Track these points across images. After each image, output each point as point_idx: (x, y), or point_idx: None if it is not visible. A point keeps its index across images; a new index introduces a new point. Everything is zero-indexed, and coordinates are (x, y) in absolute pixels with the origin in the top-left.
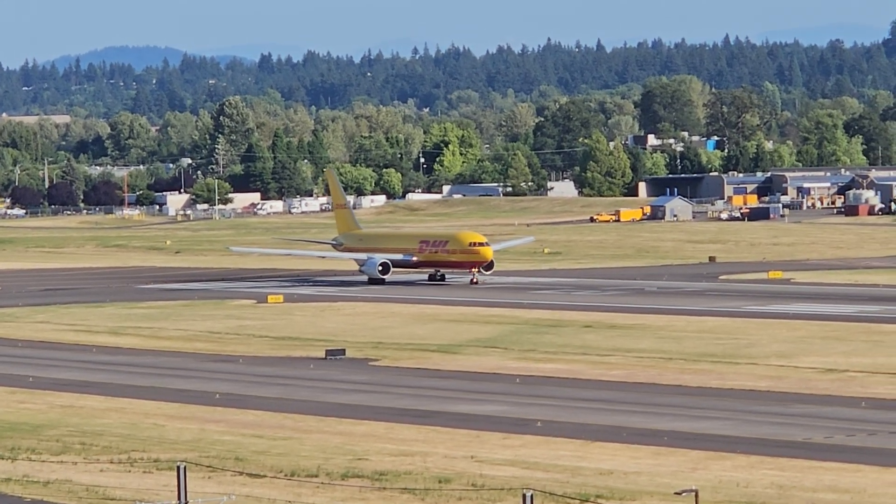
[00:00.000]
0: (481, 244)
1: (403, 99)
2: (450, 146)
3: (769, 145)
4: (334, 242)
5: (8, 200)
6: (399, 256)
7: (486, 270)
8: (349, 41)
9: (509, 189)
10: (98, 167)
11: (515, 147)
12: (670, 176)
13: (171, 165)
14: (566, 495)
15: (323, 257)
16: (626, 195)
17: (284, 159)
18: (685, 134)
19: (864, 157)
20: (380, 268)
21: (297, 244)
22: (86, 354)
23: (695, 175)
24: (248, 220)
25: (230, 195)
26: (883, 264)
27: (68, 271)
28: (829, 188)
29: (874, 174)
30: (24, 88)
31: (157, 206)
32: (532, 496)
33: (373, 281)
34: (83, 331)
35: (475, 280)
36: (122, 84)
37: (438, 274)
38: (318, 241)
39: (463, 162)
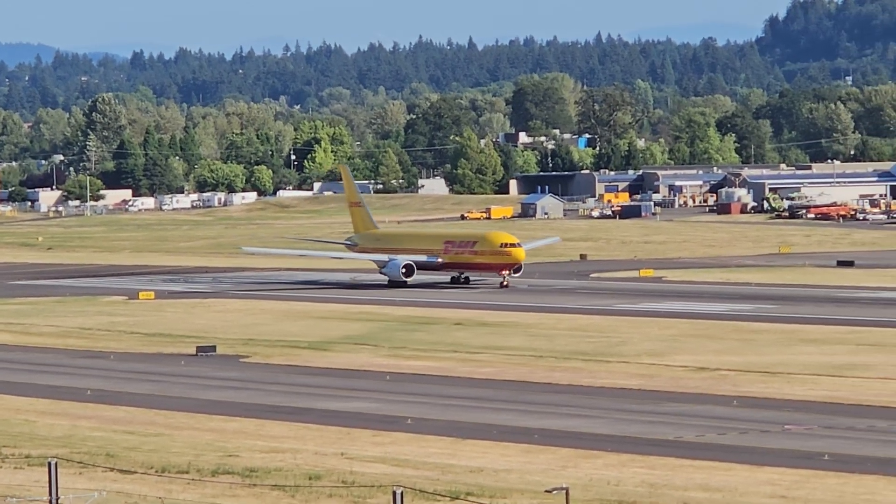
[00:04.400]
0: (513, 245)
1: (275, 96)
2: (321, 143)
3: (641, 143)
4: (348, 243)
5: None
6: (423, 258)
7: (516, 273)
8: (221, 39)
9: (380, 186)
10: None
11: (386, 144)
12: (541, 174)
13: (43, 162)
14: (436, 493)
15: (339, 258)
16: (497, 193)
17: (156, 156)
18: (557, 132)
19: (737, 156)
20: (403, 270)
21: (307, 245)
22: None
23: (566, 173)
24: (119, 217)
25: (102, 192)
26: (755, 262)
27: None
28: (701, 186)
29: (747, 172)
30: None
31: (30, 203)
32: (402, 493)
33: (394, 284)
34: None
35: (506, 283)
36: None
37: (462, 276)
38: (331, 241)
39: (334, 159)
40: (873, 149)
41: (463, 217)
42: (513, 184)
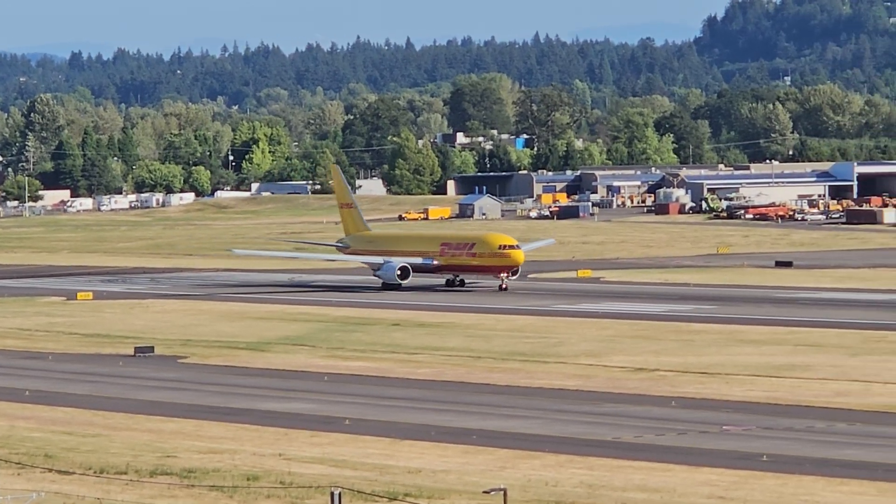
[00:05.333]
0: (512, 247)
1: (213, 97)
2: (259, 144)
3: (579, 144)
4: (340, 245)
5: None
6: (418, 260)
7: (513, 275)
8: (159, 39)
9: (318, 187)
10: None
11: (324, 145)
12: (479, 174)
13: None
14: (374, 493)
15: (332, 260)
16: (434, 193)
17: (94, 157)
18: (494, 132)
19: (675, 156)
20: (398, 272)
21: (298, 248)
22: None
23: (504, 173)
24: (58, 218)
25: (40, 192)
26: (693, 263)
27: None
28: (639, 187)
29: (685, 173)
30: None
31: None
32: (340, 494)
33: (388, 286)
34: None
35: (504, 286)
36: None
37: (457, 279)
38: (320, 243)
39: (272, 160)
40: (812, 149)
41: (401, 218)
42: (450, 184)
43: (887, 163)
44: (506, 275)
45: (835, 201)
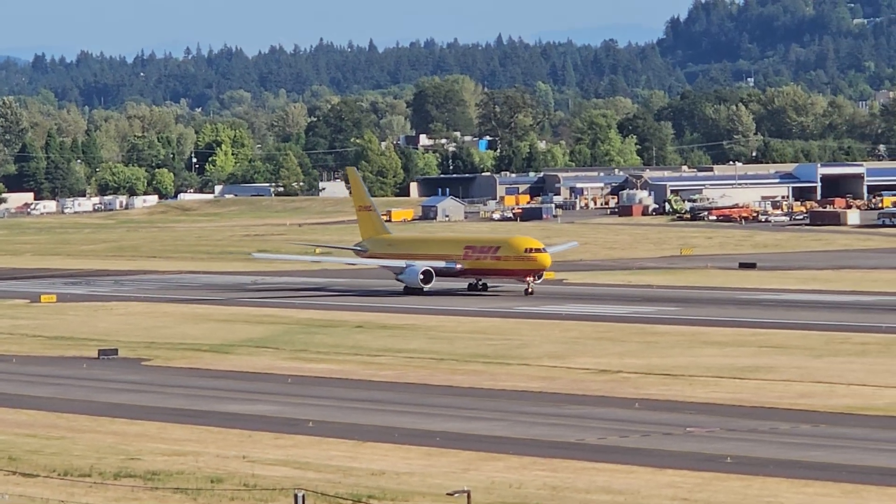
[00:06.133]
0: (538, 250)
1: (176, 99)
2: (222, 146)
3: (542, 145)
4: (358, 248)
5: None
6: (441, 264)
7: (538, 279)
8: (122, 42)
9: (281, 189)
10: None
11: (287, 147)
12: (442, 176)
13: None
14: (338, 496)
15: (352, 265)
16: (398, 195)
17: (58, 159)
18: (457, 134)
19: (639, 158)
20: (422, 276)
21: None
22: None
23: (467, 175)
24: (21, 220)
25: (4, 195)
26: (657, 265)
27: None
28: (602, 188)
29: (648, 174)
30: None
31: None
32: (304, 496)
33: (410, 291)
34: None
35: (531, 290)
36: None
37: (480, 283)
38: (338, 246)
39: (235, 162)
40: (775, 150)
41: None
42: (413, 186)
43: (851, 164)
44: (532, 279)
45: (798, 203)
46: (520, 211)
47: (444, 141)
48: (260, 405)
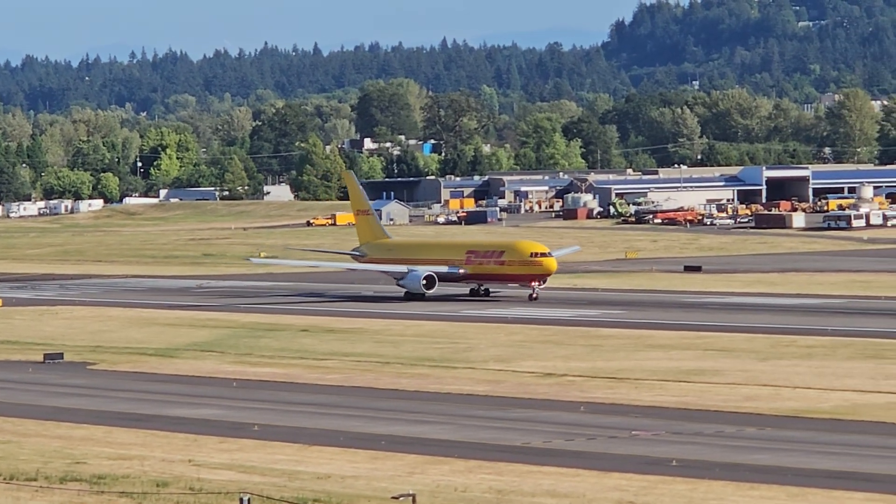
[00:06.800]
0: (544, 255)
1: (121, 103)
2: (167, 150)
3: (487, 149)
4: (357, 253)
5: None
6: (443, 269)
7: (542, 284)
8: (67, 46)
9: (226, 193)
10: None
11: (232, 151)
12: (387, 180)
13: None
14: (283, 499)
15: (353, 270)
16: (342, 199)
17: (2, 164)
18: (402, 137)
19: (583, 161)
20: (424, 281)
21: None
22: None
23: (412, 179)
24: None
25: None
26: (602, 268)
27: None
28: (547, 192)
29: (593, 178)
30: None
31: None
32: (249, 500)
33: (411, 296)
34: None
35: (535, 295)
36: None
37: (482, 288)
38: (337, 251)
39: (180, 166)
40: (720, 153)
41: (309, 223)
42: None
43: (796, 167)
44: (537, 284)
45: (743, 206)
46: (464, 214)
47: (388, 144)
48: (205, 409)
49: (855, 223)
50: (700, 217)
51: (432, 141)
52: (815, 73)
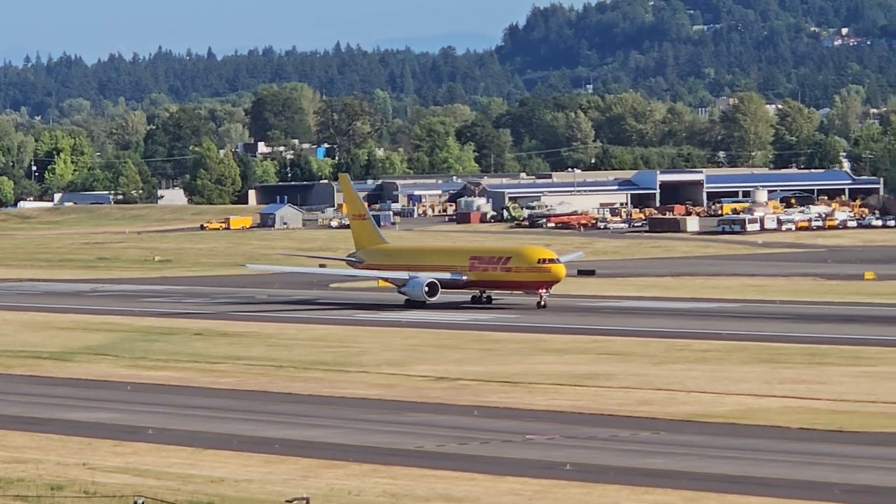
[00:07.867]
0: (552, 261)
1: (16, 107)
2: (61, 154)
3: (380, 153)
4: (353, 259)
5: None
6: (446, 275)
7: (549, 291)
8: None
9: (120, 197)
10: None
11: (126, 155)
12: (281, 183)
13: None
14: (178, 502)
15: (353, 276)
16: (236, 203)
17: None
18: (296, 141)
19: (477, 165)
20: (426, 288)
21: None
22: None
23: (305, 182)
24: None
25: None
26: None
27: None
28: (440, 196)
29: (486, 181)
30: None
31: None
32: (143, 503)
33: (412, 304)
34: None
35: (543, 303)
36: None
37: (484, 295)
38: (330, 257)
39: (75, 170)
40: (614, 157)
41: (202, 227)
42: (252, 194)
43: (690, 171)
44: (544, 291)
45: (637, 209)
46: None
47: (282, 148)
48: (100, 412)
49: (749, 227)
50: (594, 221)
51: (326, 145)
52: (710, 77)
